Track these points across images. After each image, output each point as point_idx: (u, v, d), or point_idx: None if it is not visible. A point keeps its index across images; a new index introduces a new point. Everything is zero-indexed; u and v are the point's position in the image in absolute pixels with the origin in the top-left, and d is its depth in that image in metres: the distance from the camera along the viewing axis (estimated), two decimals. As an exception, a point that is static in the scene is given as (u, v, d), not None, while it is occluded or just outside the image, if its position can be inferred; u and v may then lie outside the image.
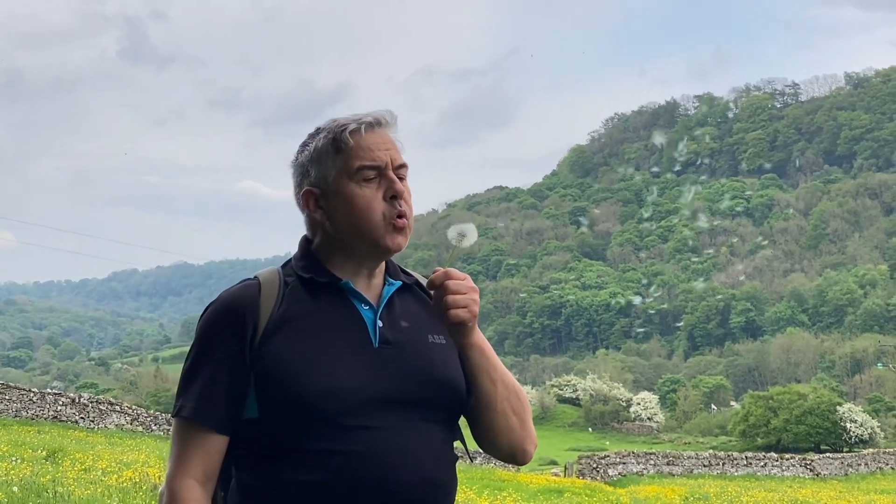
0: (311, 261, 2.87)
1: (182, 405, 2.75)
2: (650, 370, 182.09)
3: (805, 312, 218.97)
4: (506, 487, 30.27)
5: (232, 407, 2.72)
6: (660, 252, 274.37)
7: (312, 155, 2.83)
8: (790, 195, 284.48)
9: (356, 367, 2.70)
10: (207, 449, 2.72)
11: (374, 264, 2.88)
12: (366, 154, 2.77)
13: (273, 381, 2.67)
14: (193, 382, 2.75)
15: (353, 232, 2.80)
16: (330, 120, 2.88)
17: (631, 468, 56.71)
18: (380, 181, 2.78)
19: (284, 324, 2.73)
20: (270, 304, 2.76)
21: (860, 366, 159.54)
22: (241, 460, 2.76)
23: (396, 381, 2.72)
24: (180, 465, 2.72)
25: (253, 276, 2.90)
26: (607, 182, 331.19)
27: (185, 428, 2.74)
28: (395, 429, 2.68)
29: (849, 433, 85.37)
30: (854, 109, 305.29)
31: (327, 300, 2.81)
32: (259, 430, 2.70)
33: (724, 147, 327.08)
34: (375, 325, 2.79)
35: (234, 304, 2.77)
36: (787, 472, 58.83)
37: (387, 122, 2.84)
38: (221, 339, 2.74)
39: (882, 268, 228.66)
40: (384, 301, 2.86)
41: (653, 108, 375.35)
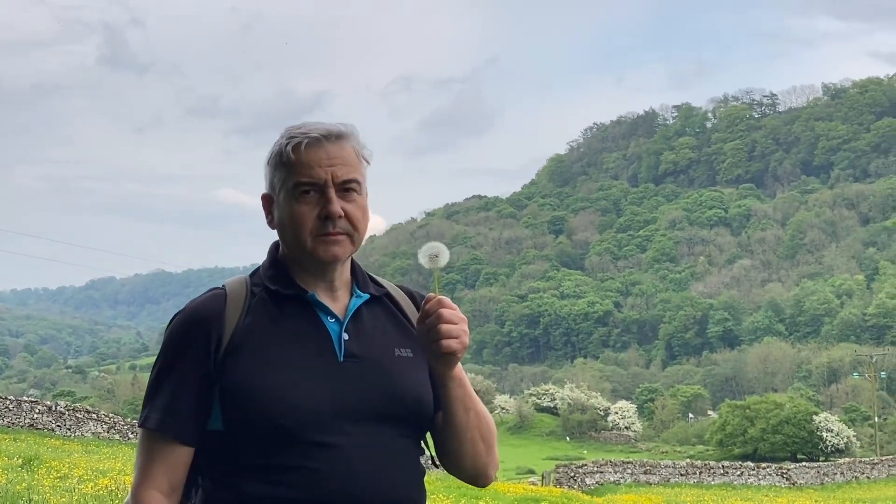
0: (279, 270, 2.84)
1: (147, 416, 2.73)
2: (628, 379, 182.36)
3: (782, 322, 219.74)
4: (483, 496, 30.31)
5: (197, 419, 2.70)
6: (638, 261, 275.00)
7: (269, 159, 2.82)
8: (768, 205, 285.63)
9: (319, 382, 2.67)
10: (172, 460, 2.70)
11: (324, 275, 2.83)
12: (304, 171, 2.72)
13: (236, 395, 2.65)
14: (159, 393, 2.73)
15: (289, 244, 2.80)
16: (290, 127, 2.82)
17: (608, 477, 56.83)
18: (318, 199, 2.73)
19: (249, 336, 2.71)
20: (236, 316, 2.74)
21: (837, 375, 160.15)
22: (206, 471, 2.73)
23: (361, 396, 2.70)
24: (145, 477, 2.70)
25: (221, 285, 2.87)
26: (586, 191, 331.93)
27: (151, 439, 2.73)
28: (359, 444, 2.66)
29: (825, 442, 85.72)
30: (831, 120, 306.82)
31: (293, 312, 2.77)
32: (223, 442, 2.68)
33: (703, 157, 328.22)
34: (341, 339, 2.76)
35: (199, 315, 2.75)
36: (763, 481, 59.04)
37: (339, 135, 2.78)
38: (186, 350, 2.71)
39: (859, 278, 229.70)
40: (350, 314, 2.82)
41: (631, 118, 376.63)
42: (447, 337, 2.65)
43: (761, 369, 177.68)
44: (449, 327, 2.66)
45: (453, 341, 2.66)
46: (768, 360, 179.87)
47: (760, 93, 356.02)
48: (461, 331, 2.68)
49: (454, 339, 2.66)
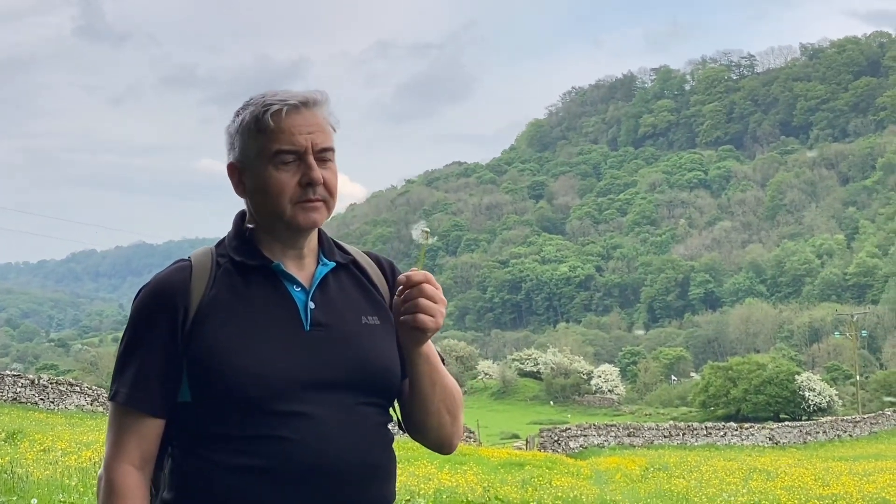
0: (243, 240, 2.83)
1: (117, 390, 2.72)
2: (610, 343, 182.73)
3: (763, 283, 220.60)
4: (467, 461, 30.41)
5: (166, 391, 2.69)
6: (618, 225, 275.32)
7: (239, 128, 2.77)
8: (747, 166, 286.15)
9: (287, 352, 2.66)
10: (143, 433, 2.70)
11: (297, 243, 2.81)
12: (285, 138, 2.69)
13: (203, 367, 2.64)
14: (127, 367, 2.72)
15: (265, 212, 2.76)
16: (261, 94, 2.78)
17: (592, 440, 57.02)
18: (298, 165, 2.71)
19: (215, 308, 2.70)
20: (202, 288, 2.73)
21: (818, 335, 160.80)
22: (176, 442, 2.73)
23: (328, 365, 2.70)
24: (117, 451, 2.70)
25: (187, 256, 2.86)
26: (565, 156, 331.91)
27: (121, 413, 2.72)
28: (327, 412, 2.66)
29: (807, 402, 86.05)
30: (809, 80, 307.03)
31: (259, 282, 2.76)
32: (192, 414, 2.68)
33: (682, 119, 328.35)
34: (307, 308, 2.75)
35: (164, 287, 2.73)
36: (746, 441, 59.32)
37: (315, 103, 2.75)
38: (153, 323, 2.70)
39: (839, 237, 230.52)
40: (316, 282, 2.80)
41: (610, 82, 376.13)
42: (424, 312, 2.66)
43: (743, 330, 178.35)
44: (428, 303, 2.66)
45: (428, 318, 2.65)
46: (750, 321, 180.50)
47: (738, 54, 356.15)
48: (438, 311, 2.68)
49: (430, 316, 2.66)
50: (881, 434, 65.44)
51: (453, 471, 24.63)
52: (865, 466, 34.38)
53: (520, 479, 23.93)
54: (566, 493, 21.07)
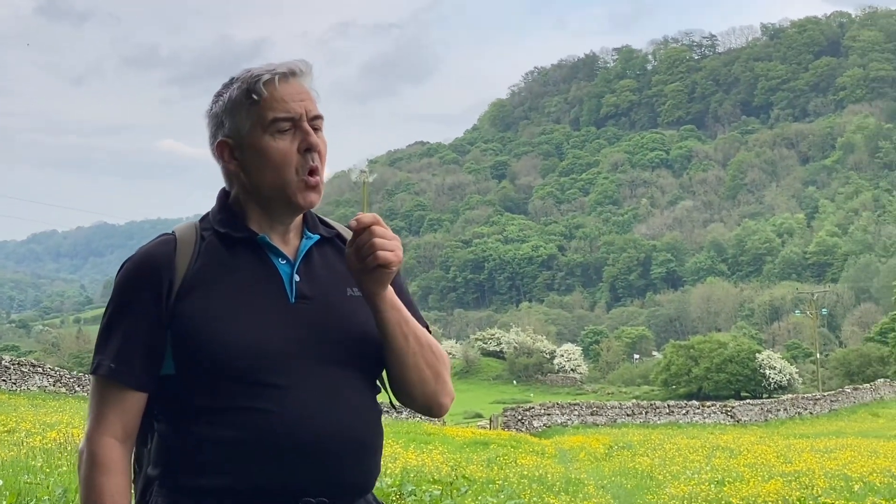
0: (228, 214, 2.80)
1: (99, 363, 2.69)
2: (573, 322, 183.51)
3: (724, 262, 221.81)
4: (432, 441, 30.49)
5: (150, 364, 2.67)
6: (581, 204, 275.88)
7: (226, 105, 2.75)
8: (708, 146, 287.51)
9: (272, 324, 2.65)
10: (126, 407, 2.67)
11: (289, 219, 2.80)
12: (280, 105, 2.69)
13: (188, 339, 2.62)
14: (110, 340, 2.70)
15: (267, 186, 2.72)
16: (244, 70, 2.79)
17: (555, 419, 57.20)
18: (294, 133, 2.70)
19: (200, 280, 2.69)
20: (186, 260, 2.71)
21: (778, 313, 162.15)
22: (161, 417, 2.72)
23: (314, 337, 2.68)
24: (99, 424, 2.67)
25: (171, 231, 2.83)
26: (528, 136, 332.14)
27: (103, 386, 2.69)
28: (313, 385, 2.64)
29: (768, 380, 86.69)
30: (770, 60, 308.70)
31: (244, 255, 2.75)
32: (176, 387, 2.66)
33: (643, 99, 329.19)
34: (292, 280, 2.74)
35: (149, 260, 2.72)
36: (708, 419, 59.64)
37: (301, 72, 2.76)
38: (137, 296, 2.68)
39: (799, 216, 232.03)
40: (301, 255, 2.79)
41: (572, 62, 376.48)
42: (382, 249, 2.62)
43: (704, 309, 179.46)
44: (383, 241, 2.63)
45: (388, 252, 2.62)
46: (711, 299, 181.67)
47: (700, 34, 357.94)
48: (395, 245, 2.65)
49: (389, 251, 2.63)
50: (841, 411, 65.95)
51: (419, 450, 24.70)
52: (826, 444, 34.71)
53: (485, 459, 24.05)
54: (532, 471, 21.19)
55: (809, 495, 16.45)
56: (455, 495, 14.08)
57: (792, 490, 17.24)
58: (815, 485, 18.30)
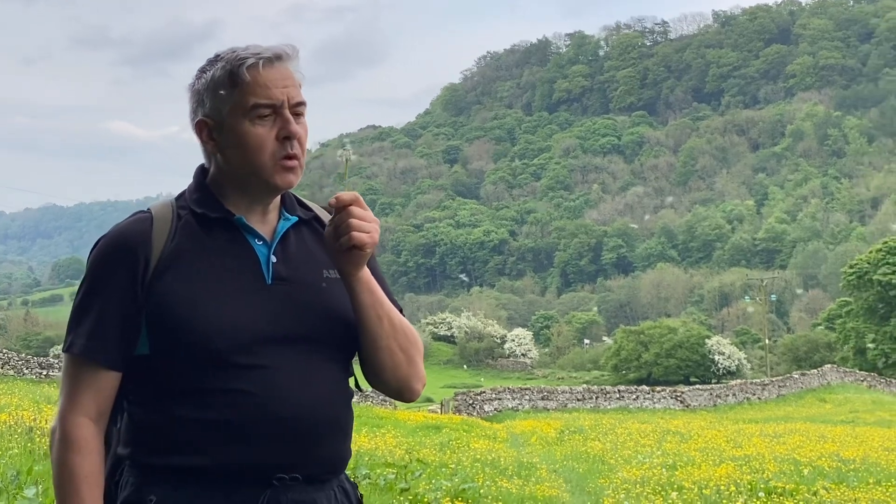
0: (205, 193, 2.77)
1: (72, 341, 2.66)
2: (524, 307, 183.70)
3: (675, 248, 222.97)
4: (384, 424, 30.53)
5: (124, 343, 2.64)
6: (532, 189, 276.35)
7: (208, 84, 2.71)
8: (660, 132, 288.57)
9: (248, 305, 2.64)
10: (99, 386, 2.64)
11: (267, 200, 2.78)
12: (262, 91, 2.66)
13: (163, 319, 2.60)
14: (84, 318, 2.66)
15: (242, 169, 2.70)
16: (229, 49, 2.74)
17: (506, 404, 57.32)
18: (274, 119, 2.67)
19: (176, 260, 2.66)
20: (162, 239, 2.68)
21: (728, 299, 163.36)
22: (133, 396, 2.69)
23: (290, 318, 2.67)
24: (72, 403, 2.64)
25: (146, 209, 2.79)
26: (480, 120, 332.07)
27: (76, 364, 2.66)
28: (288, 366, 2.63)
29: (717, 365, 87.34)
30: (721, 47, 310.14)
31: (220, 236, 2.72)
32: (151, 367, 2.63)
33: (596, 85, 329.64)
34: (269, 262, 2.72)
35: (124, 238, 2.68)
36: (658, 404, 59.98)
37: (287, 56, 2.72)
38: (112, 274, 2.65)
39: (749, 203, 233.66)
40: (278, 236, 2.78)
41: (525, 47, 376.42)
42: (358, 230, 2.64)
43: (655, 295, 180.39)
44: (359, 222, 2.65)
45: (364, 234, 2.64)
46: (661, 285, 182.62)
47: (652, 20, 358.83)
48: (372, 227, 2.67)
49: (365, 232, 2.65)
50: (788, 397, 66.48)
51: (371, 434, 24.74)
52: (775, 428, 35.02)
53: (438, 442, 24.12)
54: (484, 455, 21.28)
55: (760, 479, 16.61)
56: (409, 478, 14.12)
57: (743, 474, 17.41)
58: (766, 469, 18.49)
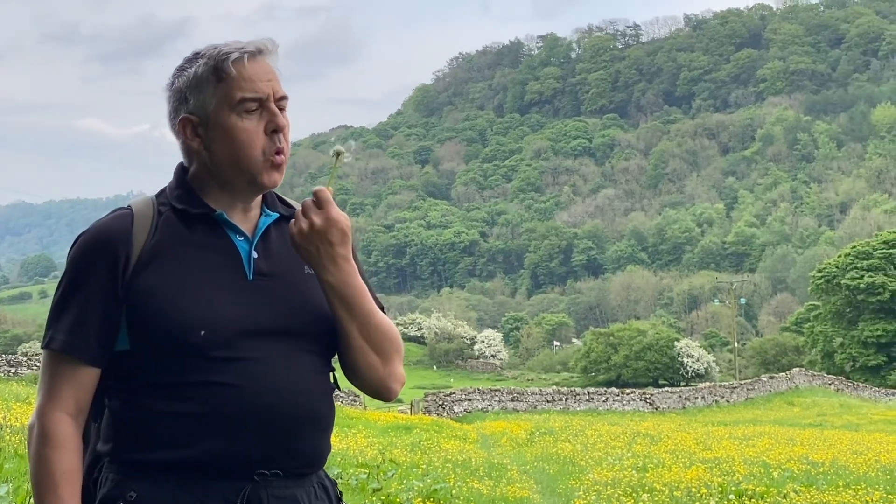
0: (186, 190, 2.76)
1: (52, 337, 2.64)
2: (494, 308, 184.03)
3: (645, 250, 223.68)
4: (355, 425, 30.49)
5: (104, 339, 2.63)
6: (503, 191, 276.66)
7: (191, 81, 2.69)
8: (631, 135, 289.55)
9: (229, 300, 2.64)
10: (79, 382, 2.63)
11: (251, 198, 2.78)
12: (248, 85, 2.66)
13: (144, 314, 2.59)
14: (64, 314, 2.65)
15: (230, 165, 2.69)
16: (209, 46, 2.73)
17: (476, 405, 57.31)
18: (261, 113, 2.68)
19: (157, 256, 2.65)
20: (143, 235, 2.67)
21: (697, 302, 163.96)
22: (113, 392, 2.67)
23: (271, 313, 2.67)
24: (51, 398, 2.62)
25: (126, 205, 2.78)
26: (452, 121, 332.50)
27: (56, 360, 2.64)
28: (270, 360, 2.63)
29: (686, 368, 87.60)
30: (693, 51, 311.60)
31: (201, 232, 2.72)
32: (131, 362, 2.62)
33: (567, 87, 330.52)
34: (250, 257, 2.72)
35: (105, 234, 2.66)
36: (627, 406, 60.08)
37: (268, 51, 2.72)
38: (92, 270, 2.63)
39: (719, 206, 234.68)
40: (259, 232, 2.77)
41: (497, 49, 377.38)
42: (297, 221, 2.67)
43: (624, 297, 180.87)
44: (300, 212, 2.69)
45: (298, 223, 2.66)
46: (631, 287, 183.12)
47: (624, 23, 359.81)
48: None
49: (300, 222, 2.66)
50: (757, 399, 66.75)
51: (342, 434, 24.70)
52: (744, 431, 35.16)
53: (409, 443, 24.12)
54: (455, 456, 21.28)
55: (730, 481, 16.68)
56: (381, 478, 14.12)
57: (713, 476, 17.47)
58: (736, 471, 18.56)
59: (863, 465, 20.74)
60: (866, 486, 16.04)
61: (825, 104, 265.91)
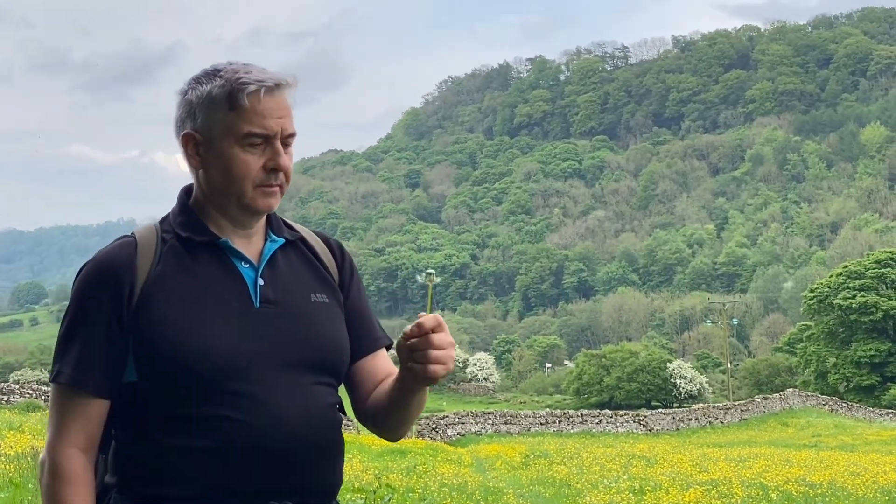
0: (190, 216, 2.74)
1: (59, 370, 2.61)
2: (485, 331, 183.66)
3: (636, 272, 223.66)
4: (349, 449, 30.26)
5: (111, 370, 2.60)
6: (494, 214, 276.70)
7: (203, 99, 2.65)
8: (620, 157, 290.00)
9: (237, 330, 2.60)
10: (88, 415, 2.60)
11: (248, 222, 2.74)
12: (258, 120, 2.62)
13: (151, 346, 2.56)
14: (70, 347, 2.61)
15: (220, 190, 2.68)
16: (229, 65, 2.70)
17: (469, 428, 57.12)
18: (264, 149, 2.64)
19: (162, 285, 2.61)
20: (147, 264, 2.64)
21: (689, 323, 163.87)
22: (121, 425, 2.65)
23: (279, 343, 2.64)
24: (61, 433, 2.59)
25: (130, 233, 2.76)
26: (441, 145, 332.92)
27: (64, 394, 2.60)
28: (279, 392, 2.60)
29: (678, 389, 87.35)
30: (681, 72, 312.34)
31: (206, 259, 2.68)
32: (139, 394, 2.59)
33: (556, 109, 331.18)
34: (256, 285, 2.68)
35: (109, 264, 2.63)
36: (621, 428, 59.94)
37: (287, 86, 2.69)
38: (97, 301, 2.60)
39: (709, 227, 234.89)
40: (265, 259, 2.74)
41: (486, 71, 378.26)
42: (435, 363, 2.57)
43: (616, 318, 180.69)
44: (438, 353, 2.58)
45: (440, 367, 2.57)
46: (622, 309, 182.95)
47: (612, 45, 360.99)
48: (449, 357, 2.60)
49: (441, 364, 2.58)
50: (751, 420, 66.62)
51: (336, 459, 24.51)
52: (740, 452, 35.03)
53: (404, 467, 23.98)
54: (451, 479, 21.14)
55: (729, 504, 16.56)
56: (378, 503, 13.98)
57: (711, 499, 17.35)
58: (734, 494, 18.44)
59: (861, 486, 20.64)
60: (867, 507, 15.94)
61: (814, 124, 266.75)
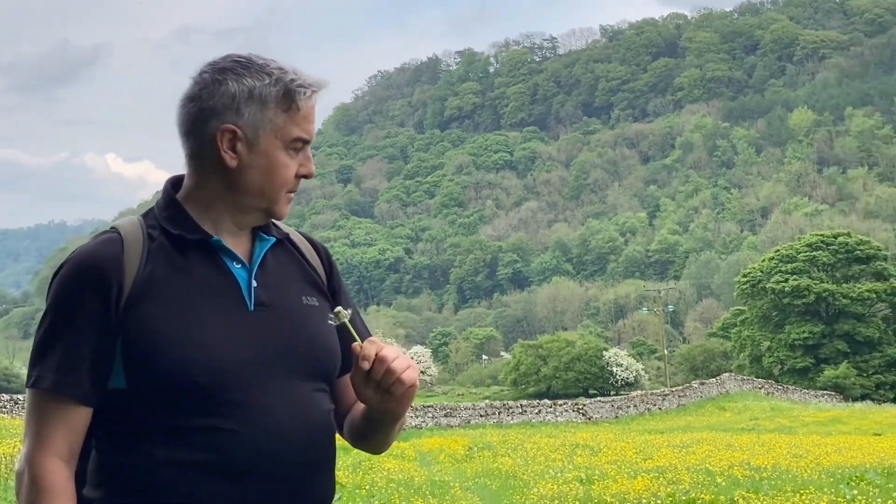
0: (177, 211, 2.60)
1: (39, 375, 2.43)
2: (421, 324, 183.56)
3: (569, 261, 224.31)
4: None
5: (96, 376, 2.44)
6: (427, 207, 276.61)
7: (253, 95, 2.54)
8: (552, 147, 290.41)
9: (232, 335, 2.48)
10: (70, 423, 2.43)
11: (250, 224, 2.66)
12: (305, 125, 2.58)
13: (141, 351, 2.41)
14: (51, 350, 2.43)
15: (257, 193, 2.57)
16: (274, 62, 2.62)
17: (409, 422, 56.87)
18: (298, 154, 2.59)
19: (152, 286, 2.47)
20: (135, 263, 2.48)
21: (623, 311, 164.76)
22: (103, 433, 2.49)
23: (274, 347, 2.52)
24: (41, 442, 2.41)
25: (110, 227, 2.59)
26: (372, 139, 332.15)
27: (45, 401, 2.43)
28: (275, 401, 2.48)
29: (615, 377, 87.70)
30: (610, 62, 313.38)
31: (197, 259, 2.55)
32: (126, 402, 2.44)
33: (487, 102, 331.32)
34: (250, 286, 2.57)
35: (94, 262, 2.47)
36: (560, 417, 60.07)
37: (320, 90, 2.64)
38: (81, 301, 2.44)
39: (641, 215, 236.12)
40: (258, 259, 2.63)
41: (415, 65, 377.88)
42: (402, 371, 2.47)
43: (551, 308, 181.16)
44: (398, 363, 2.47)
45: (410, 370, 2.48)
46: (557, 299, 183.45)
47: (541, 36, 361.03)
48: (407, 361, 2.49)
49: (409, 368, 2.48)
50: (689, 406, 67.12)
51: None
52: (681, 438, 35.19)
53: (349, 464, 23.81)
54: (397, 475, 21.03)
55: (678, 491, 16.57)
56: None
57: (659, 486, 17.36)
58: (681, 480, 18.47)
59: (805, 468, 20.77)
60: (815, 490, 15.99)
61: (743, 110, 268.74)
